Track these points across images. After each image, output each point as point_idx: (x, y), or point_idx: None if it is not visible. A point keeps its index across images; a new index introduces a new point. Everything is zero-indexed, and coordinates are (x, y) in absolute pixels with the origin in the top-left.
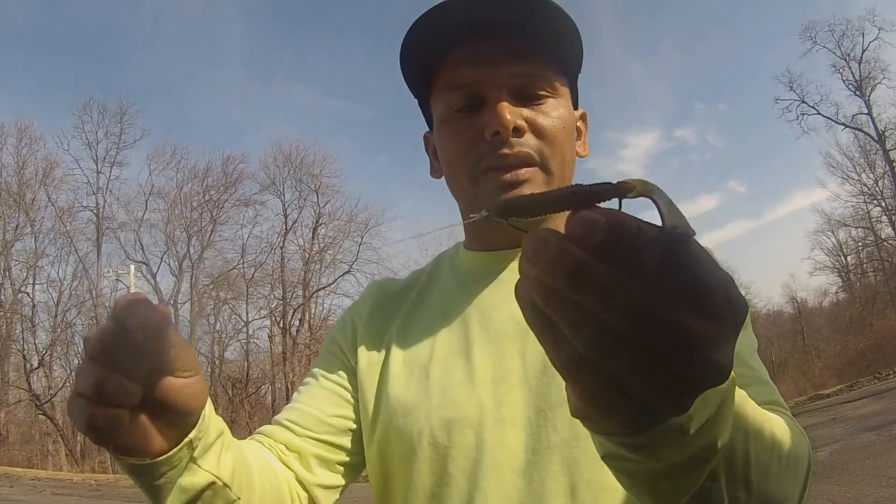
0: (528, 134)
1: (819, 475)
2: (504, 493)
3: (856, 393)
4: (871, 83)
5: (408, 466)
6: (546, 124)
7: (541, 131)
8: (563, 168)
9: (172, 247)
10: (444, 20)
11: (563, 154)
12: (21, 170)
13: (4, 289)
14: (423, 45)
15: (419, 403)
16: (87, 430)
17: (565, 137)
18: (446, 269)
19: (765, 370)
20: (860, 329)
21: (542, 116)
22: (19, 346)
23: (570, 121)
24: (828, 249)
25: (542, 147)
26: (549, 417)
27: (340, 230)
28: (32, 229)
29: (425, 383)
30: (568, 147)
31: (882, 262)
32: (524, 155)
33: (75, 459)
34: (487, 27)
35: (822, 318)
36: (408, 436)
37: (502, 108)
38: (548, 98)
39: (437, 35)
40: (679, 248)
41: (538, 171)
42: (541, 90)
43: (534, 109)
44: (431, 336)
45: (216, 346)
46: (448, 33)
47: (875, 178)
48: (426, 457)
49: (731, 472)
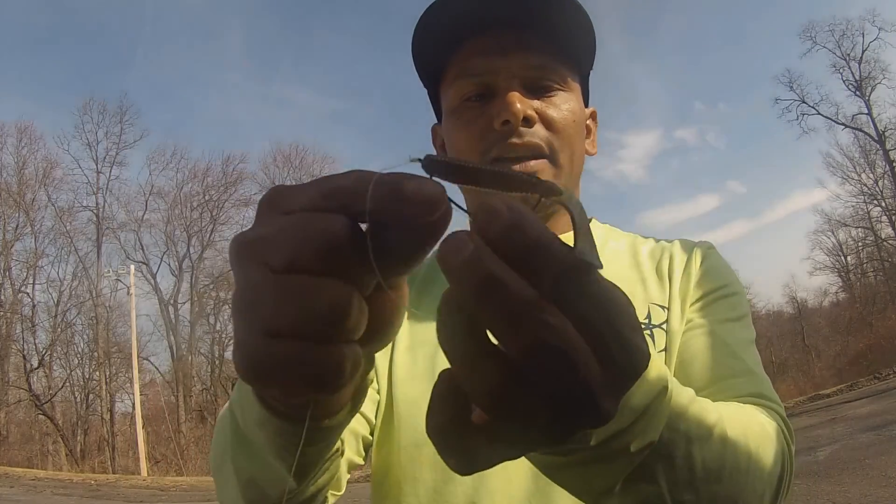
0: (538, 125)
1: (819, 475)
2: (510, 490)
3: (856, 393)
4: (871, 83)
5: (412, 461)
6: (556, 116)
7: (551, 123)
8: (571, 162)
9: (172, 247)
10: (458, 11)
11: (573, 148)
12: (21, 170)
13: (4, 289)
14: (436, 35)
15: (425, 395)
16: (317, 385)
17: (575, 131)
18: None
19: (757, 361)
20: (860, 329)
21: (553, 108)
22: (19, 346)
23: (580, 115)
24: (828, 249)
25: (551, 139)
26: None
27: None
28: (32, 229)
29: (431, 374)
30: (577, 142)
31: (882, 262)
32: (533, 145)
33: (75, 459)
34: (501, 19)
35: (822, 318)
36: (412, 429)
37: (513, 97)
38: (559, 91)
39: (450, 25)
40: (582, 275)
41: (547, 164)
42: (552, 83)
43: (545, 101)
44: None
45: (216, 346)
46: (462, 24)
47: (875, 178)
48: (431, 452)
49: (671, 476)
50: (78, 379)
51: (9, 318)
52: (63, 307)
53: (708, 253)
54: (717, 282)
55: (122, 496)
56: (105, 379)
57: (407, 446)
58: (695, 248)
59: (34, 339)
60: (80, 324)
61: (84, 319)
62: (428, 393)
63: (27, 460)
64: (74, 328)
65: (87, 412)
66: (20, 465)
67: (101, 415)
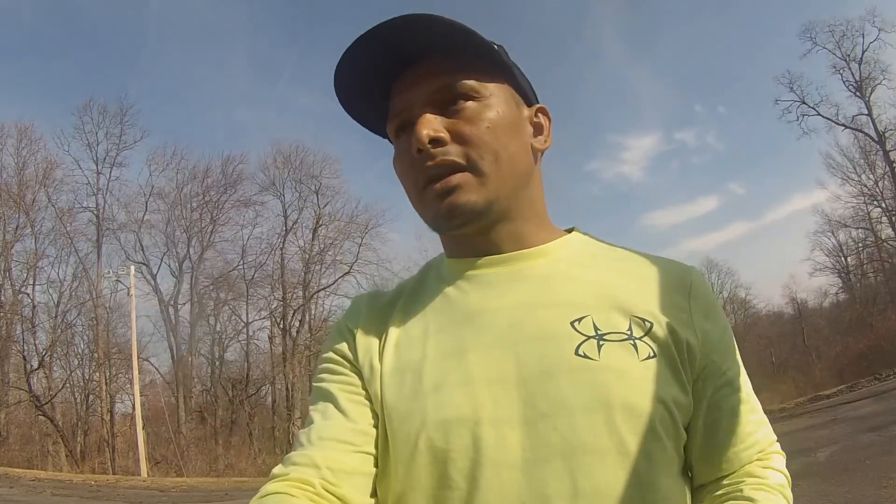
0: (450, 143)
1: (819, 476)
2: (504, 493)
3: (856, 394)
4: (871, 84)
5: (408, 471)
6: (467, 130)
7: (462, 137)
8: (497, 166)
9: (172, 248)
10: (367, 63)
11: (496, 152)
12: (21, 171)
13: (4, 290)
14: (358, 91)
15: (414, 407)
16: None
17: (495, 136)
18: (432, 277)
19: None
20: (860, 330)
21: (463, 121)
22: (19, 346)
23: (503, 119)
24: (828, 250)
25: (466, 151)
26: (549, 417)
27: (341, 231)
28: (33, 230)
29: (418, 386)
30: (505, 143)
31: (882, 263)
32: (448, 163)
33: (75, 460)
34: (408, 55)
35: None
36: (405, 441)
37: (419, 125)
38: (470, 101)
39: (368, 77)
40: None
41: (468, 175)
42: (460, 97)
43: (454, 118)
44: (422, 340)
45: (216, 347)
46: (376, 72)
47: (875, 178)
48: (425, 461)
49: None
50: (78, 380)
51: (9, 319)
52: (63, 308)
53: (701, 287)
54: (718, 322)
55: (122, 497)
56: (105, 380)
57: (403, 459)
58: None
59: (34, 340)
60: (81, 325)
61: (84, 320)
62: (416, 409)
63: (27, 461)
64: (74, 329)
65: (87, 413)
66: (20, 466)
67: (101, 416)
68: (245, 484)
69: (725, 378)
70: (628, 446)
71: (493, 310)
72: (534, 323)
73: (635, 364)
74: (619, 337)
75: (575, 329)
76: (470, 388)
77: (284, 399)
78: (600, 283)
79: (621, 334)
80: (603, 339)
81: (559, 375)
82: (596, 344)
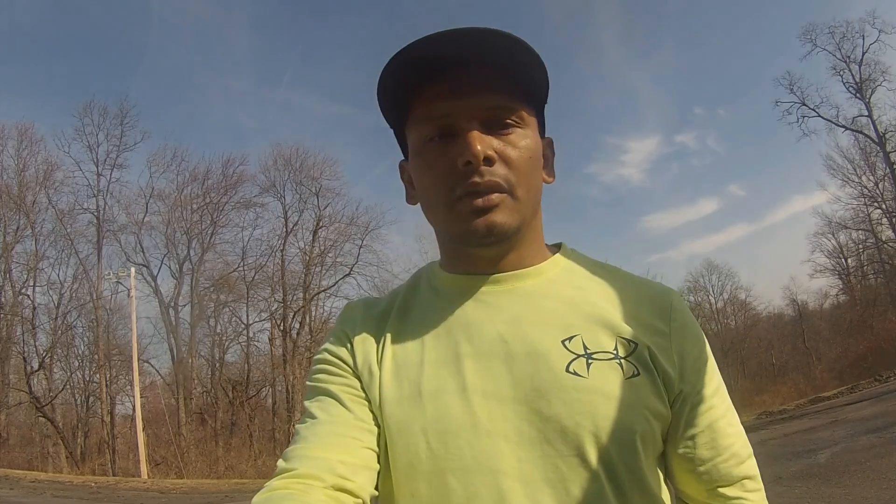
0: (497, 164)
1: (819, 477)
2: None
3: (856, 395)
4: (871, 85)
5: (408, 481)
6: (513, 155)
7: (508, 161)
8: (528, 194)
9: (173, 249)
10: (419, 56)
11: (529, 182)
12: (22, 172)
13: (5, 291)
14: (399, 79)
15: (412, 413)
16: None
17: (531, 167)
18: (425, 286)
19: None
20: (861, 331)
21: (510, 147)
22: (20, 348)
23: (536, 150)
24: (828, 252)
25: (509, 175)
26: (543, 431)
27: (341, 233)
28: (33, 232)
29: (416, 392)
30: (533, 175)
31: (882, 265)
32: (494, 183)
33: (75, 462)
34: (457, 60)
35: (823, 320)
36: (404, 450)
37: (473, 137)
38: (515, 128)
39: (412, 70)
40: None
41: (507, 197)
42: (508, 120)
43: (502, 140)
44: (419, 348)
45: (216, 348)
46: (422, 68)
47: (875, 180)
48: (424, 469)
49: None
50: (78, 381)
51: (9, 321)
52: (63, 309)
53: (679, 310)
54: (697, 343)
55: (123, 498)
56: (105, 381)
57: (402, 466)
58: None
59: (34, 342)
60: (81, 326)
61: (84, 322)
62: (415, 415)
63: (27, 462)
64: (75, 330)
65: (87, 414)
66: (20, 468)
67: (101, 417)
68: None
69: (702, 395)
70: (614, 461)
71: (486, 322)
72: (525, 339)
73: (621, 382)
74: (607, 356)
75: (566, 347)
76: (466, 396)
77: (285, 401)
78: (588, 303)
79: (608, 353)
80: (591, 358)
81: (550, 392)
82: (585, 362)
